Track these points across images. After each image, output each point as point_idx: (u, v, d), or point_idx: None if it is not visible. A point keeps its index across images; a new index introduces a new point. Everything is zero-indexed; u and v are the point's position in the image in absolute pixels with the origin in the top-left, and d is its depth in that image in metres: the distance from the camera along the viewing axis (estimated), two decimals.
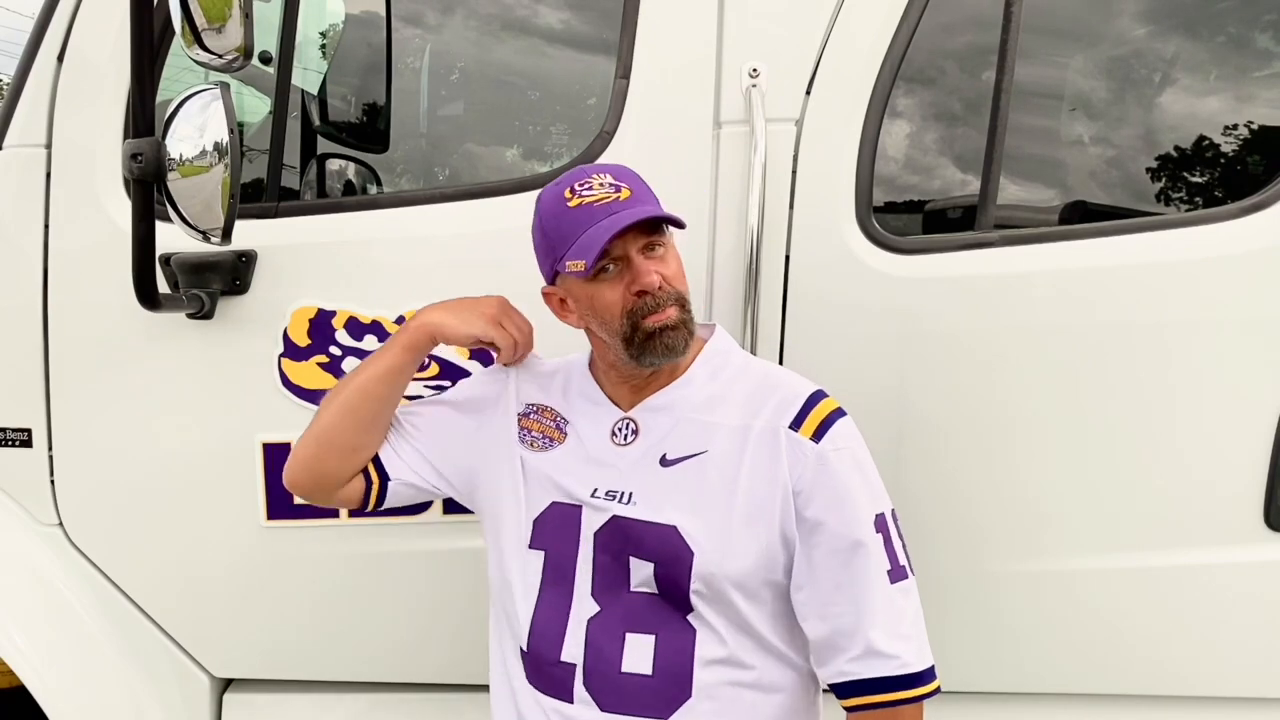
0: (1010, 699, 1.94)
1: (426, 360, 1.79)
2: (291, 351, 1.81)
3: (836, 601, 1.36)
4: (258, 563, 1.89)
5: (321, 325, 1.80)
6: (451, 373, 1.79)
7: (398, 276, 1.81)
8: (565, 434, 1.49)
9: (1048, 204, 1.95)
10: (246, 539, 1.87)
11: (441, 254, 1.81)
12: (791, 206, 1.74)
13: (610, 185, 1.37)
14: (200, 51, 1.47)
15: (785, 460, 1.37)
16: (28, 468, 1.90)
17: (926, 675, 1.35)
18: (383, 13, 2.45)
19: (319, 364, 1.80)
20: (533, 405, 1.53)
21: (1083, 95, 1.99)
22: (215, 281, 1.77)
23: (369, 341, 1.79)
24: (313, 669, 2.00)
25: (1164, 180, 1.88)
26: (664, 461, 1.41)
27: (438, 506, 1.85)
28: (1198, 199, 1.88)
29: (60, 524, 1.92)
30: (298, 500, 1.85)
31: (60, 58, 1.82)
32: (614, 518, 1.40)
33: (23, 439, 1.88)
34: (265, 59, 1.96)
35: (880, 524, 1.37)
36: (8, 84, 1.95)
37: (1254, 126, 1.86)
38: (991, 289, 1.75)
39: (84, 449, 1.89)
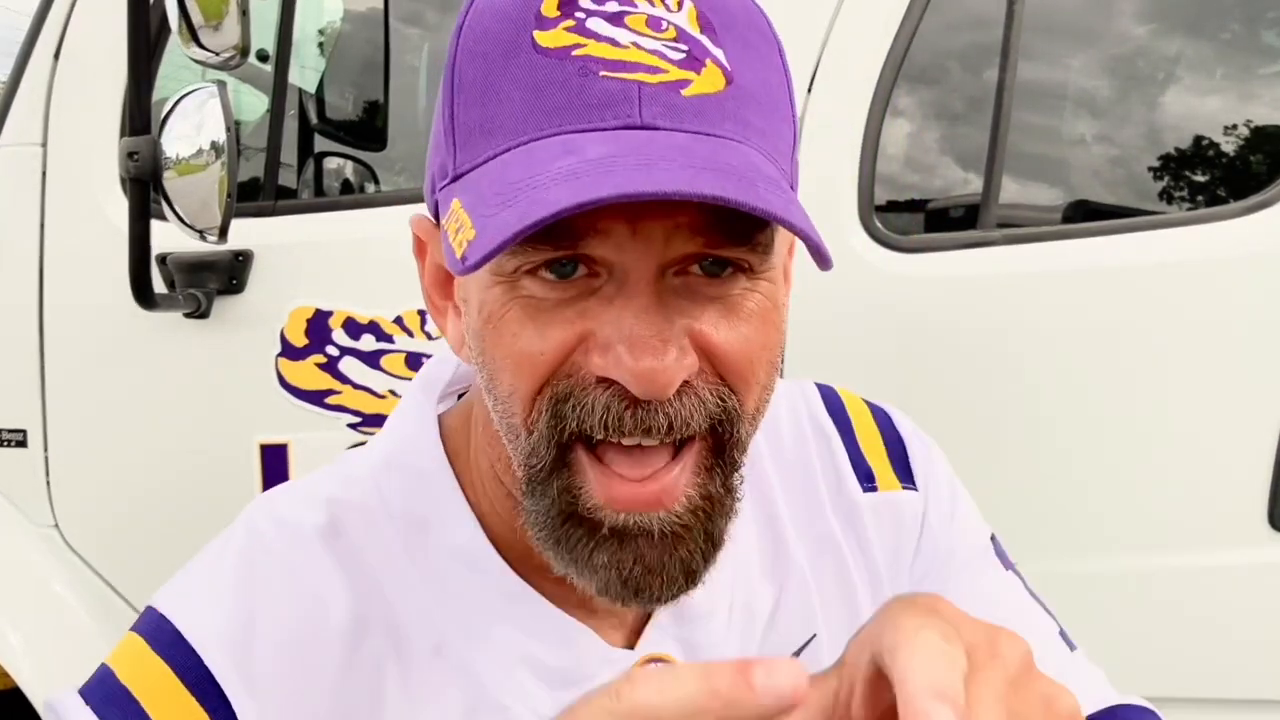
0: None
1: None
2: (288, 351, 1.80)
3: None
4: None
5: (318, 325, 1.78)
6: None
7: (396, 276, 1.79)
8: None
9: (1051, 203, 1.94)
10: None
11: None
12: None
13: (669, 45, 0.56)
14: (197, 49, 1.45)
15: (879, 539, 0.87)
16: (23, 469, 1.88)
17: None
18: (381, 10, 2.44)
19: (316, 364, 1.79)
20: None
21: (1085, 94, 1.98)
22: (212, 281, 1.76)
23: (366, 341, 1.78)
24: None
25: (1167, 179, 1.87)
26: None
27: None
28: (1201, 198, 1.87)
29: (56, 525, 1.91)
30: None
31: (56, 55, 1.80)
32: None
33: (18, 440, 1.87)
34: (263, 57, 1.95)
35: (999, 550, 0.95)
36: (3, 82, 1.94)
37: (1258, 125, 1.86)
38: (994, 288, 1.74)
39: (80, 450, 1.87)
